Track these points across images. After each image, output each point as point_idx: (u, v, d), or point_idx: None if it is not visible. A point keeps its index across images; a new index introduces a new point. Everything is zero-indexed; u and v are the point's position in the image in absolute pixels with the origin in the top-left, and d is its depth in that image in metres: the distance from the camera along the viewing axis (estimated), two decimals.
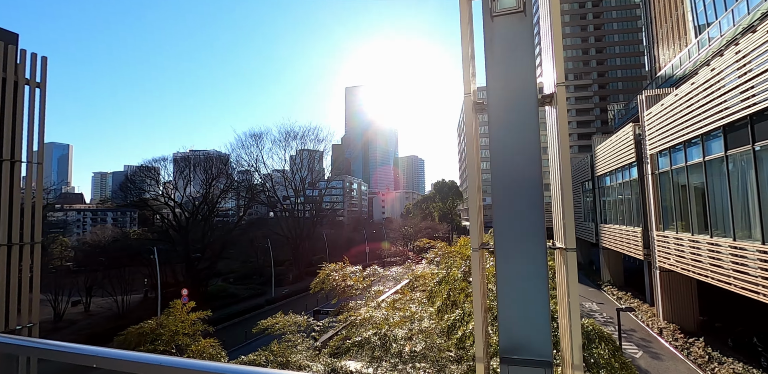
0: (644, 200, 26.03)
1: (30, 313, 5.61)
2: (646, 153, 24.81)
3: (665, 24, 54.03)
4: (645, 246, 25.74)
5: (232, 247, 45.19)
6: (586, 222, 43.15)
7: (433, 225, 73.35)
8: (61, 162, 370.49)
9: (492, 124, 3.86)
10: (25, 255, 5.49)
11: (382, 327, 7.81)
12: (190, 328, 10.97)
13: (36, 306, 5.83)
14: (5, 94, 5.32)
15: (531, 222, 3.34)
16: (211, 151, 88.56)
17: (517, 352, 3.17)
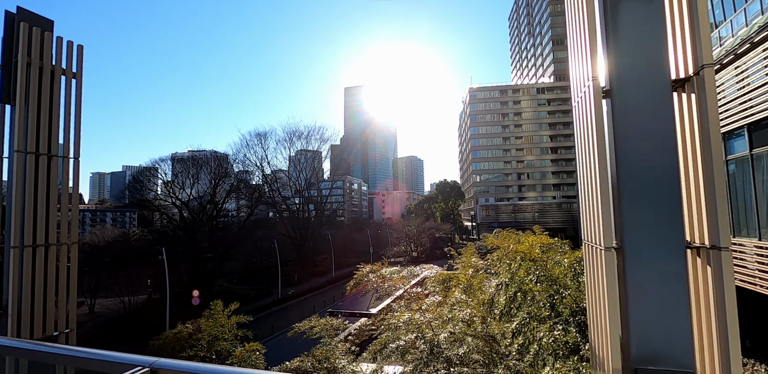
0: None
1: (67, 318, 5.30)
2: None
3: None
4: None
5: (235, 247, 44.82)
6: None
7: (437, 225, 73.12)
8: None
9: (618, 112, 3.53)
10: (57, 256, 5.19)
11: (424, 330, 7.46)
12: (230, 333, 10.58)
13: (73, 311, 5.51)
14: (42, 84, 5.01)
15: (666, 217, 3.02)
16: (209, 151, 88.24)
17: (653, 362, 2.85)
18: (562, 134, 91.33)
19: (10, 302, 4.62)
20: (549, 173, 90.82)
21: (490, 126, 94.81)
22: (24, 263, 4.75)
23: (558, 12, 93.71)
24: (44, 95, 5.13)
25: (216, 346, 10.10)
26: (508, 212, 77.28)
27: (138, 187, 46.81)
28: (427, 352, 7.08)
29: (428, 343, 7.17)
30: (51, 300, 5.07)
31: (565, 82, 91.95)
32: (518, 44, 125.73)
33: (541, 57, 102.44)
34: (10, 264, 4.66)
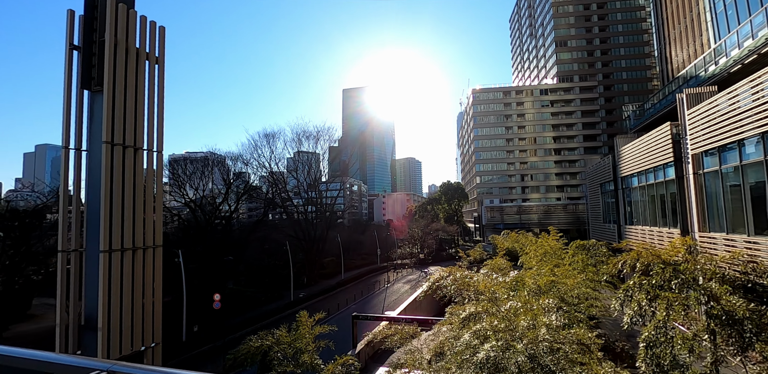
0: (682, 201, 25.45)
1: (153, 331, 4.70)
2: (686, 152, 24.21)
3: (678, 25, 53.87)
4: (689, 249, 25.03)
5: (246, 249, 44.06)
6: (606, 223, 42.58)
7: (443, 227, 72.58)
8: (55, 164, 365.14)
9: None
10: (139, 259, 4.62)
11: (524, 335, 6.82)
12: (313, 344, 9.91)
13: (158, 321, 4.91)
14: (127, 68, 4.44)
15: None
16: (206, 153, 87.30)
17: None
18: (565, 135, 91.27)
19: (101, 313, 4.03)
20: (552, 174, 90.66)
21: (493, 127, 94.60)
22: (112, 268, 4.18)
23: (561, 13, 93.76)
24: (130, 81, 4.56)
25: (300, 360, 9.36)
26: (513, 213, 76.93)
27: None
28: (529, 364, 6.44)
29: (525, 355, 6.55)
30: (138, 310, 4.48)
31: (568, 83, 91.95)
32: (520, 46, 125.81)
33: (543, 58, 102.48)
34: (100, 270, 4.08)
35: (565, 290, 10.46)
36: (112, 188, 4.16)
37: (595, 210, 47.21)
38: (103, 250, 4.14)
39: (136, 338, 4.46)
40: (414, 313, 30.57)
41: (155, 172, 4.88)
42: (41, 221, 33.02)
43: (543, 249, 28.57)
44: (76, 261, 4.32)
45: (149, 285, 4.73)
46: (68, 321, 4.17)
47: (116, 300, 4.22)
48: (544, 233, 32.38)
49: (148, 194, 4.73)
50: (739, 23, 37.43)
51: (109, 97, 4.26)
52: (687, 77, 39.26)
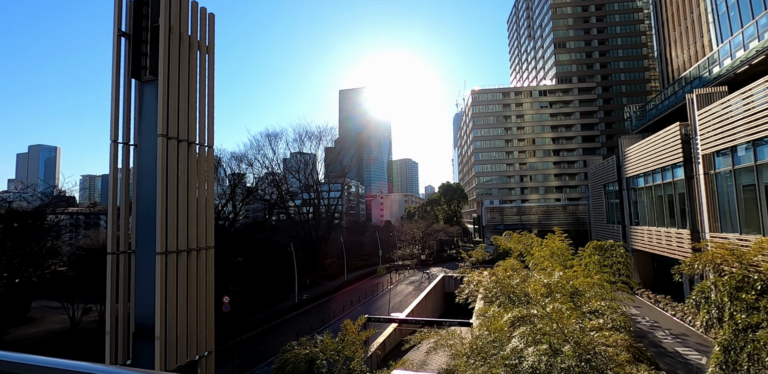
0: (691, 201, 25.39)
1: (206, 338, 4.39)
2: (696, 152, 24.16)
3: (678, 27, 54.10)
4: (694, 249, 24.98)
5: (249, 250, 43.52)
6: (609, 224, 42.56)
7: (444, 228, 72.38)
8: (48, 164, 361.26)
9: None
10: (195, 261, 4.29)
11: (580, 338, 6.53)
12: (361, 350, 9.52)
13: (212, 328, 4.60)
14: (180, 57, 4.15)
15: None
16: None
17: None
18: (564, 136, 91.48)
19: (158, 320, 3.72)
20: (551, 175, 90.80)
21: (492, 128, 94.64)
22: (168, 271, 3.87)
23: (559, 15, 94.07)
24: (183, 70, 4.26)
25: (350, 367, 8.94)
26: (513, 214, 76.89)
27: None
28: None
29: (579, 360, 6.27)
30: (193, 316, 4.17)
31: (567, 84, 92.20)
32: (518, 47, 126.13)
33: (542, 59, 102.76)
34: (157, 273, 3.77)
35: (598, 292, 10.17)
36: (167, 185, 3.86)
37: (597, 211, 47.24)
38: (159, 252, 3.83)
39: (191, 346, 4.14)
40: (421, 315, 30.31)
41: (206, 168, 4.56)
42: (41, 222, 32.37)
43: (550, 249, 28.38)
44: (125, 264, 4.01)
45: (202, 289, 4.41)
46: (117, 329, 3.84)
47: (173, 305, 3.91)
48: (550, 234, 32.22)
49: (201, 191, 4.41)
50: (741, 25, 37.57)
51: (165, 86, 3.96)
52: (690, 78, 39.33)
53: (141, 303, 4.03)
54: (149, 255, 4.03)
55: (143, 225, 4.10)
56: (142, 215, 4.07)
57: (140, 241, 4.11)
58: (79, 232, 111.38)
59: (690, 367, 19.12)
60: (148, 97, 4.24)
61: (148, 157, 4.14)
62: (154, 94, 4.20)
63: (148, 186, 4.04)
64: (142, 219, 4.08)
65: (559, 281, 8.73)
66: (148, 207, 4.04)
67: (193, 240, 4.22)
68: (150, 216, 4.02)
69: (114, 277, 4.03)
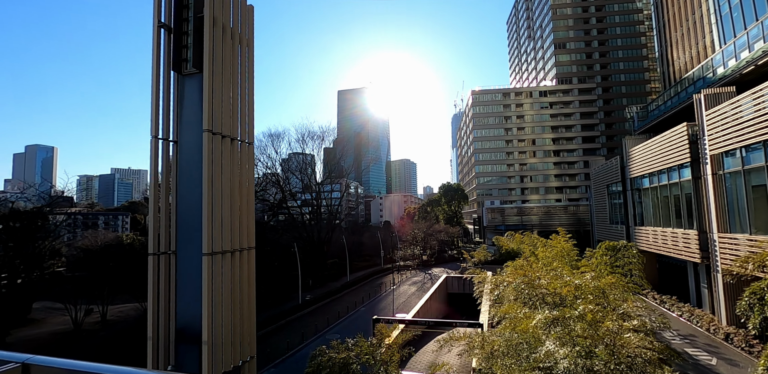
0: (698, 201, 25.33)
1: (249, 342, 4.20)
2: (704, 153, 24.11)
3: (680, 28, 54.21)
4: (702, 249, 24.95)
5: None
6: (613, 224, 42.54)
7: (445, 228, 72.24)
8: (45, 164, 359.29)
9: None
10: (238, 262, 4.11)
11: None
12: (398, 354, 9.29)
13: (253, 332, 4.41)
14: (224, 49, 3.97)
15: None
16: None
17: None
18: (564, 137, 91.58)
19: (206, 324, 3.54)
20: (551, 176, 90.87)
21: (493, 129, 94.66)
22: (214, 273, 3.69)
23: (560, 16, 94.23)
24: (226, 63, 4.09)
25: (386, 372, 8.70)
26: (513, 215, 76.86)
27: None
28: None
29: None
30: (237, 319, 3.99)
31: (567, 85, 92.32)
32: (518, 48, 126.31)
33: (542, 60, 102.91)
34: (204, 275, 3.59)
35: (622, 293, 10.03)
36: (213, 183, 3.68)
37: (600, 212, 47.22)
38: (206, 253, 3.65)
39: (236, 351, 3.96)
40: (426, 315, 30.14)
41: (248, 165, 4.38)
42: (44, 222, 32.02)
43: (555, 250, 28.25)
44: (166, 265, 3.83)
45: (245, 291, 4.24)
46: (160, 333, 3.66)
47: (218, 308, 3.73)
48: (554, 234, 32.07)
49: (243, 190, 4.23)
50: (745, 26, 37.62)
51: (210, 79, 3.79)
52: (694, 79, 39.37)
53: (183, 306, 3.85)
54: (191, 256, 3.85)
55: (185, 225, 3.92)
56: (183, 214, 3.89)
57: (181, 242, 3.93)
58: (77, 233, 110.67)
59: (701, 368, 19.04)
60: (190, 91, 4.06)
61: (189, 154, 3.96)
62: (196, 88, 4.02)
63: (189, 184, 3.87)
64: (183, 218, 3.90)
65: (587, 282, 8.55)
66: (190, 206, 3.86)
67: (236, 241, 4.04)
68: (192, 215, 3.84)
69: (155, 279, 3.84)
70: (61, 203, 38.18)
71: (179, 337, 3.82)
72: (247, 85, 4.45)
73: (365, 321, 31.98)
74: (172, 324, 3.87)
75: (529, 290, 8.77)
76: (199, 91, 3.93)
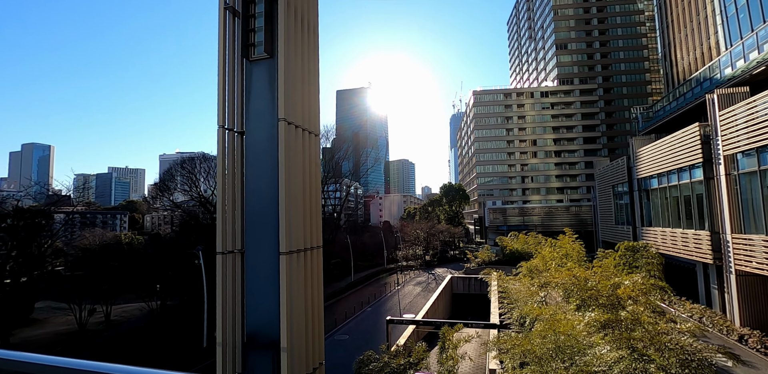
0: (710, 202, 25.22)
1: (319, 347, 3.91)
2: (717, 153, 23.99)
3: (684, 28, 54.26)
4: (714, 250, 24.82)
5: None
6: (618, 225, 42.44)
7: (448, 228, 72.07)
8: (41, 163, 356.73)
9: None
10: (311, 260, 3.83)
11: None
12: (455, 359, 9.02)
13: (322, 336, 4.14)
14: (294, 34, 3.70)
15: None
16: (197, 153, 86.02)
17: None
18: (565, 137, 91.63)
19: (285, 328, 3.26)
20: (552, 176, 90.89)
21: (494, 129, 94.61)
22: (292, 274, 3.42)
23: (561, 17, 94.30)
24: (296, 49, 3.82)
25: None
26: (515, 215, 76.78)
27: (171, 186, 43.07)
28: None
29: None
30: (309, 323, 3.72)
31: (568, 85, 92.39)
32: (518, 48, 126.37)
33: (543, 61, 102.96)
34: (282, 275, 3.32)
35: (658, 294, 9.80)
36: (288, 177, 3.42)
37: (605, 212, 47.13)
38: (284, 252, 3.39)
39: (309, 357, 3.69)
40: (434, 316, 29.97)
41: (315, 159, 4.11)
42: (48, 221, 31.54)
43: (563, 250, 28.08)
44: (236, 264, 3.56)
45: (315, 292, 3.98)
46: (228, 338, 3.39)
47: (295, 312, 3.47)
48: (561, 235, 31.89)
49: (313, 184, 3.97)
50: (752, 27, 37.62)
51: (285, 65, 3.52)
52: (700, 79, 39.33)
53: (252, 309, 3.58)
54: (260, 255, 3.59)
55: (253, 222, 3.65)
56: (251, 210, 3.62)
57: (249, 239, 3.65)
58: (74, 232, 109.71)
59: (717, 369, 18.90)
60: (258, 78, 3.79)
61: (257, 146, 3.70)
62: (265, 74, 3.76)
63: (257, 177, 3.61)
64: (251, 215, 3.63)
65: (637, 283, 8.33)
66: (259, 202, 3.60)
67: (308, 239, 3.78)
68: (261, 211, 3.58)
69: (227, 280, 3.57)
70: (63, 202, 37.68)
71: (249, 342, 3.55)
72: (313, 73, 4.18)
73: (373, 322, 31.72)
74: (239, 327, 3.61)
75: (580, 291, 8.49)
76: (268, 78, 3.67)
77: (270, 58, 3.65)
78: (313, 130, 4.07)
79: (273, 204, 3.36)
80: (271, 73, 3.60)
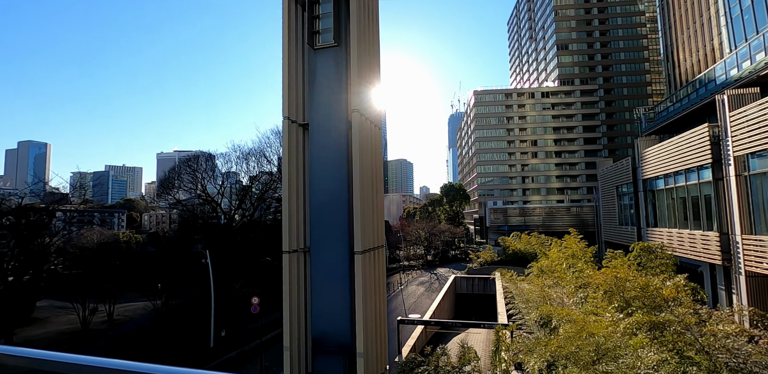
0: (719, 203, 25.19)
1: (384, 350, 3.71)
2: (727, 154, 23.95)
3: (687, 30, 54.36)
4: (723, 251, 24.78)
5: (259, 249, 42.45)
6: (622, 226, 42.44)
7: (449, 228, 71.99)
8: (38, 161, 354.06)
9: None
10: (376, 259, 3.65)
11: None
12: (511, 361, 8.84)
13: (385, 339, 3.94)
14: (359, 20, 3.51)
15: None
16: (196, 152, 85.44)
17: None
18: (566, 138, 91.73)
19: (361, 332, 3.07)
20: (553, 177, 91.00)
21: (495, 129, 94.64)
22: (366, 274, 3.23)
23: (562, 17, 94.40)
24: (362, 37, 3.62)
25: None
26: (516, 215, 76.79)
27: (177, 183, 42.65)
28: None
29: None
30: (378, 324, 3.54)
31: (569, 86, 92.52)
32: (519, 49, 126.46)
33: (544, 61, 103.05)
34: (358, 276, 3.13)
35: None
36: (361, 172, 3.23)
37: (608, 213, 47.12)
38: (359, 251, 3.20)
39: (377, 361, 3.50)
40: (440, 316, 29.88)
41: (378, 153, 3.90)
42: (51, 219, 31.18)
43: (570, 251, 28.00)
44: (300, 263, 3.37)
45: (381, 293, 3.78)
46: (295, 341, 3.20)
47: (368, 314, 3.28)
48: (567, 235, 31.83)
49: (379, 180, 3.77)
50: (757, 28, 37.67)
51: (355, 53, 3.34)
52: (705, 81, 39.37)
53: (318, 311, 3.39)
54: (328, 254, 3.40)
55: (320, 219, 3.46)
56: (317, 207, 3.43)
57: (315, 238, 3.46)
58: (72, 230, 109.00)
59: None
60: (324, 67, 3.60)
61: (323, 139, 3.50)
62: (331, 63, 3.57)
63: (323, 172, 3.41)
64: (317, 211, 3.44)
65: (678, 283, 8.17)
66: (326, 198, 3.41)
67: (376, 237, 3.59)
68: (328, 208, 3.38)
69: (294, 281, 3.38)
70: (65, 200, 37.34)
71: (316, 346, 3.36)
72: (376, 62, 3.98)
73: None
74: (304, 329, 3.41)
75: (622, 292, 8.28)
76: (335, 67, 3.48)
77: (336, 46, 3.47)
78: (378, 123, 3.88)
79: (341, 201, 3.18)
80: (338, 62, 3.42)
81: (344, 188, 3.30)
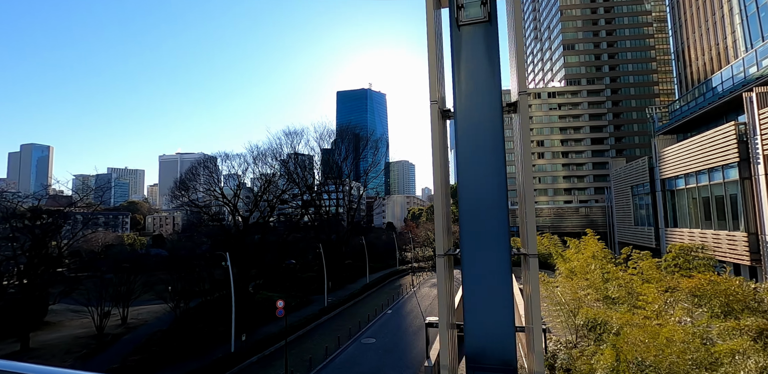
0: (745, 202, 24.75)
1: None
2: (756, 152, 23.53)
3: (699, 28, 53.97)
4: (752, 251, 24.33)
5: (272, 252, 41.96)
6: (639, 226, 42.01)
7: (457, 230, 71.40)
8: (40, 164, 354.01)
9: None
10: None
11: None
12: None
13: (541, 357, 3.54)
14: None
15: None
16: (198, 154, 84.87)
17: None
18: (572, 138, 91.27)
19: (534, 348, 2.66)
20: (560, 177, 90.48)
21: None
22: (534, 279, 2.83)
23: (568, 17, 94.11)
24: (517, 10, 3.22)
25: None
26: None
27: (189, 186, 42.17)
28: None
29: None
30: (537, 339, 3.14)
31: (576, 86, 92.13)
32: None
33: (549, 61, 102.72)
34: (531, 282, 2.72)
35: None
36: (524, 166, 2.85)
37: (623, 213, 46.72)
38: (532, 254, 2.82)
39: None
40: (459, 319, 29.35)
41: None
42: (65, 221, 30.79)
43: (590, 251, 27.55)
44: (447, 266, 3.00)
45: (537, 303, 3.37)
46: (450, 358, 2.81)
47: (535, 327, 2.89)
48: (585, 236, 31.36)
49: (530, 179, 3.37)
50: None
51: (516, 32, 2.95)
52: (722, 79, 38.95)
53: (473, 323, 2.99)
54: (482, 258, 3.00)
55: (474, 219, 3.06)
56: (469, 206, 3.03)
57: (467, 239, 3.06)
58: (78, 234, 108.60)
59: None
60: (471, 46, 3.20)
61: (473, 130, 3.11)
62: (480, 42, 3.17)
63: (476, 166, 3.01)
64: (469, 210, 3.04)
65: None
66: (479, 195, 3.01)
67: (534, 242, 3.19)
68: (483, 206, 2.98)
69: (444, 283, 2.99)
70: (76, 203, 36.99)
71: (471, 363, 2.94)
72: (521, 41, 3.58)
73: (397, 325, 31.14)
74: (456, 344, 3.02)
75: (718, 296, 7.86)
76: (484, 46, 3.08)
77: (487, 22, 3.08)
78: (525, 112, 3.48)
79: (498, 199, 2.80)
80: (489, 40, 3.04)
81: (500, 185, 2.92)
